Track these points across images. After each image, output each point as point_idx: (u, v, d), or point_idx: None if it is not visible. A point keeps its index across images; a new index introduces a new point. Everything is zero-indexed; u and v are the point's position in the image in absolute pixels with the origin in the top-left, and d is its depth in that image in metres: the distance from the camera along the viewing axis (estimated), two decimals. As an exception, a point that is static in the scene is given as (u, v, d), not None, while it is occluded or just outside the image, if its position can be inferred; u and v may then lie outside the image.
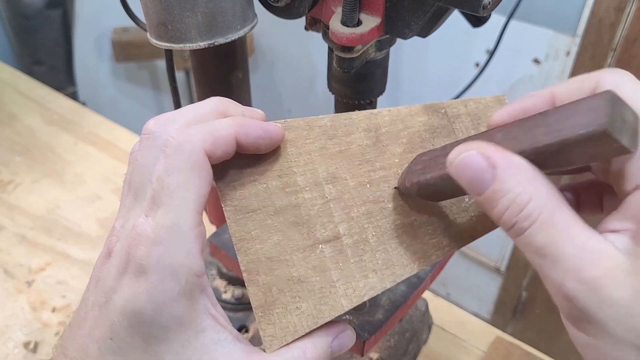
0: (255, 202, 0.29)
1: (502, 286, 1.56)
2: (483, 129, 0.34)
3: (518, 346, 0.68)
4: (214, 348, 0.27)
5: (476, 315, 0.74)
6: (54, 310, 0.71)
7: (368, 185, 0.31)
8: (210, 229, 0.80)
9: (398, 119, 0.34)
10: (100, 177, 0.92)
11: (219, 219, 0.65)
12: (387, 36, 0.42)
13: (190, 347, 0.27)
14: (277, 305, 0.28)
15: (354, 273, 0.30)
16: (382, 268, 0.30)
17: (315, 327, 0.29)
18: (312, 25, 0.45)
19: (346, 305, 0.29)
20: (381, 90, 0.47)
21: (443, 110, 0.35)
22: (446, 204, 0.32)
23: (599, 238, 0.24)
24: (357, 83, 0.46)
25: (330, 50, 0.44)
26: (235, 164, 0.29)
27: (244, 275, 0.29)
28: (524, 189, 0.25)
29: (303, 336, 0.29)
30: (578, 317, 0.25)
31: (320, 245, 0.30)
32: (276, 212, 0.29)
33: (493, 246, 1.52)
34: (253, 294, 0.28)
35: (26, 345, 0.66)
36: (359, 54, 0.40)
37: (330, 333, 0.30)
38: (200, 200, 0.27)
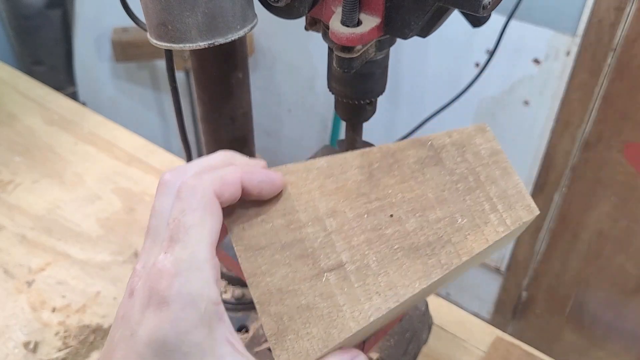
0: (263, 240, 0.32)
1: (502, 286, 1.56)
2: (469, 156, 0.35)
3: (518, 346, 0.68)
4: None
5: (476, 315, 0.75)
6: (54, 310, 0.71)
7: (365, 215, 0.34)
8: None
9: (388, 154, 0.36)
10: (100, 177, 0.92)
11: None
12: (387, 36, 0.42)
13: None
14: (289, 332, 0.30)
15: (359, 297, 0.31)
16: (385, 290, 0.32)
17: (326, 350, 0.30)
18: (312, 25, 0.45)
19: (354, 327, 0.31)
20: (381, 90, 0.47)
21: (429, 143, 0.36)
22: (441, 226, 0.33)
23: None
24: (357, 83, 0.46)
25: (330, 51, 0.44)
26: (244, 207, 0.33)
27: (257, 306, 0.31)
28: None
29: None
30: None
31: (326, 274, 0.32)
32: (283, 247, 0.32)
33: (493, 246, 1.52)
34: (266, 323, 0.30)
35: (26, 345, 0.66)
36: (359, 54, 0.40)
37: (345, 358, 0.31)
38: (213, 235, 0.30)
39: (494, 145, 0.35)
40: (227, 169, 0.32)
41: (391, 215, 0.34)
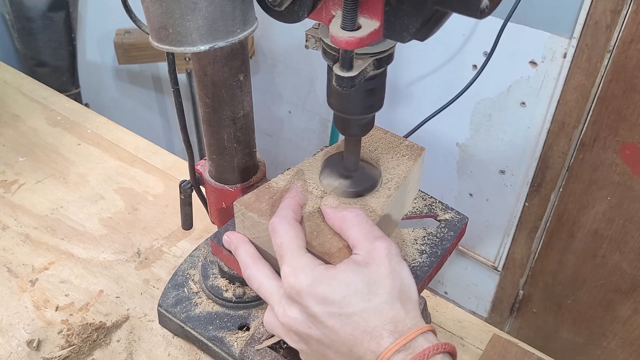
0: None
1: (500, 285, 1.56)
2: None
3: (515, 344, 0.69)
4: None
5: (474, 313, 0.75)
6: (57, 308, 0.72)
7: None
8: (211, 228, 0.81)
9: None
10: (103, 178, 0.93)
11: (220, 219, 0.66)
12: (386, 54, 0.43)
13: None
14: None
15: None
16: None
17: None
18: (312, 44, 0.46)
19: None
20: (379, 106, 0.48)
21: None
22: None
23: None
24: (355, 100, 0.46)
25: (330, 69, 0.45)
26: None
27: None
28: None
29: None
30: None
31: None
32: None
33: (490, 245, 1.52)
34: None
35: (29, 343, 0.67)
36: (357, 72, 0.41)
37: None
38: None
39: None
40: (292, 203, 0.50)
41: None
